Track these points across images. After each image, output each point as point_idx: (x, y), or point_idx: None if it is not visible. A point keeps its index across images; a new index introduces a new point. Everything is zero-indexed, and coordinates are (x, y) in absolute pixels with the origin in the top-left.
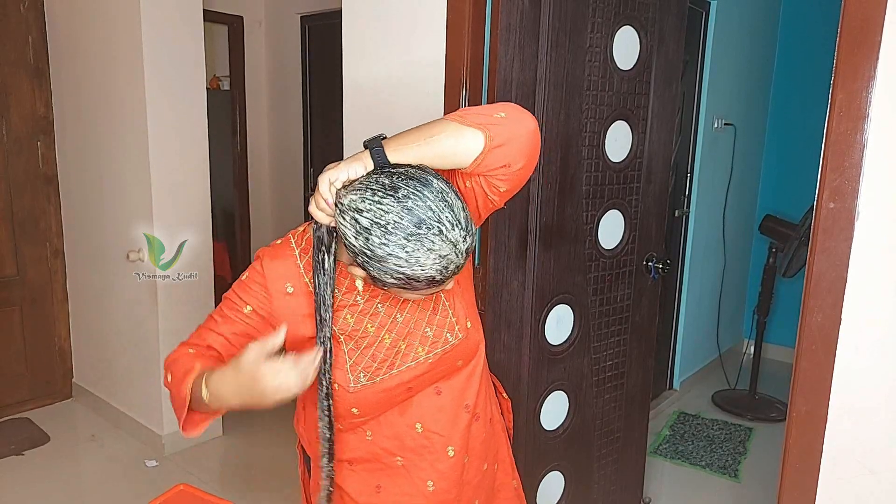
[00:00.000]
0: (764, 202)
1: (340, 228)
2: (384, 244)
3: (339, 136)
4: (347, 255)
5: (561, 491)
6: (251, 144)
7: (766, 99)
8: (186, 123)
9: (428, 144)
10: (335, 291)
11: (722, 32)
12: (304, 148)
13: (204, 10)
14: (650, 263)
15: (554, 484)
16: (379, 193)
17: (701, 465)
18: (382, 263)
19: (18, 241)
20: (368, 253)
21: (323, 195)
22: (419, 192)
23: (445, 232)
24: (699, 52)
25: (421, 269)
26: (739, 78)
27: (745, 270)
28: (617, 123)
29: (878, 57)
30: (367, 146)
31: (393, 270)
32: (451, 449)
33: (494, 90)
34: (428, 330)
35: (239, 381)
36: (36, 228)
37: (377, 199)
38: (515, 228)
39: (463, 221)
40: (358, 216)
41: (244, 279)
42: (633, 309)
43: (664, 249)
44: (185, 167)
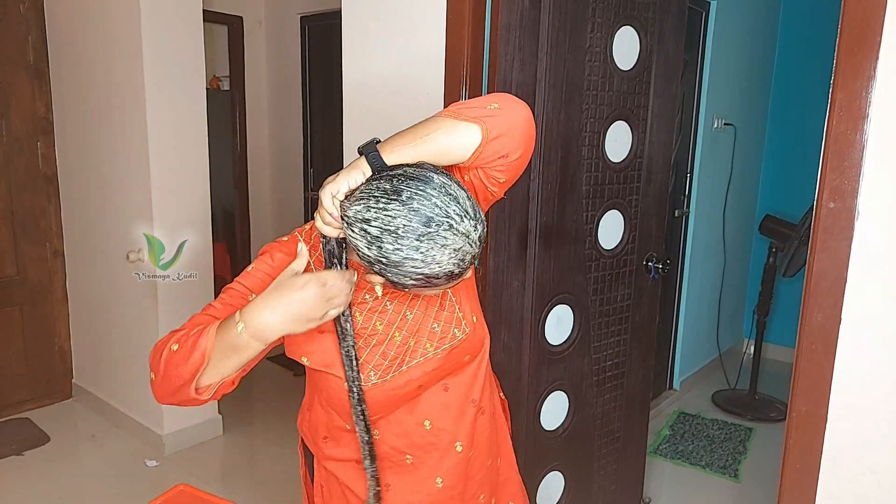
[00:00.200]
0: (764, 202)
1: (351, 241)
2: (398, 249)
3: (339, 135)
4: (363, 263)
5: (561, 491)
6: (251, 144)
7: (766, 99)
8: (186, 123)
9: (424, 143)
10: None
11: (722, 32)
12: (304, 148)
13: (204, 10)
14: (650, 263)
15: (554, 484)
16: (383, 200)
17: (701, 465)
18: (400, 268)
19: (18, 241)
20: (384, 261)
21: (328, 209)
22: (422, 191)
23: (455, 225)
24: (699, 52)
25: (438, 266)
26: (739, 78)
27: (745, 270)
28: (617, 123)
29: (878, 57)
30: (362, 152)
31: (411, 273)
32: (458, 444)
33: (494, 90)
34: (436, 326)
35: (286, 300)
36: (36, 228)
37: (382, 205)
38: (515, 228)
39: (471, 211)
40: (366, 226)
41: (250, 270)
42: (633, 309)
43: (664, 249)
44: (185, 167)
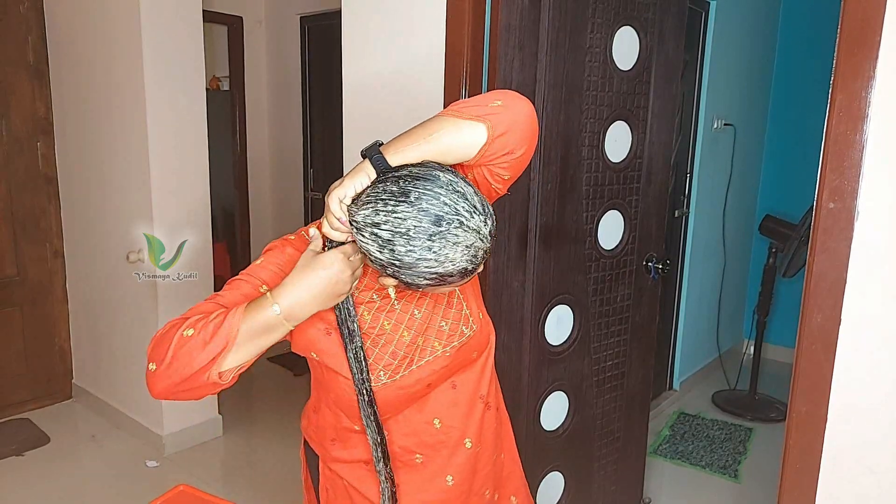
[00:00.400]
0: (764, 202)
1: (362, 245)
2: (411, 251)
3: (339, 136)
4: (375, 266)
5: (561, 491)
6: (251, 144)
7: (766, 99)
8: (186, 124)
9: (428, 143)
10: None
11: (722, 32)
12: (304, 148)
13: (204, 10)
14: (650, 263)
15: (554, 484)
16: (391, 203)
17: (701, 465)
18: (414, 269)
19: (18, 241)
20: (397, 263)
21: (335, 214)
22: (430, 190)
23: (466, 222)
24: (699, 52)
25: (452, 264)
26: (739, 78)
27: (745, 270)
28: (617, 123)
29: (877, 57)
30: (365, 155)
31: (425, 273)
32: (468, 441)
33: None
34: (444, 324)
35: (315, 279)
36: (36, 229)
37: (390, 208)
38: (515, 228)
39: (479, 206)
40: (377, 230)
41: (259, 263)
42: (633, 309)
43: (664, 249)
44: (185, 167)
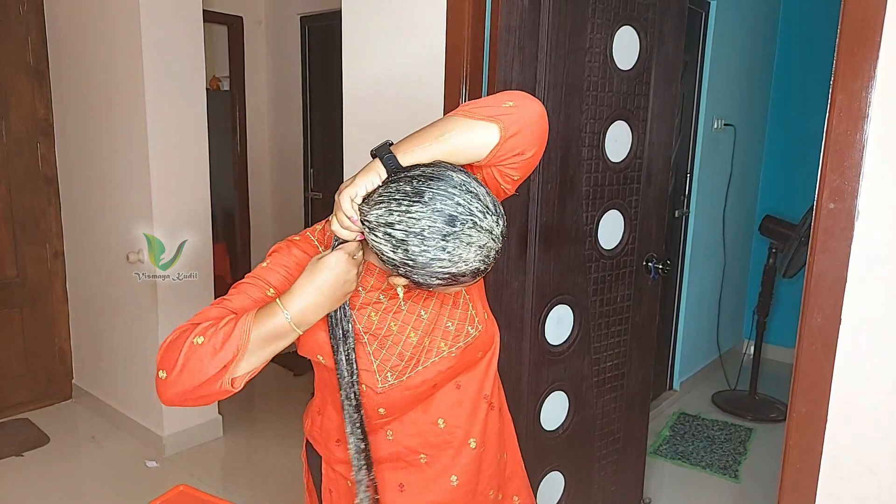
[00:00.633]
0: (764, 202)
1: (374, 245)
2: (425, 251)
3: (338, 136)
4: (385, 265)
5: (561, 491)
6: (251, 144)
7: (766, 99)
8: (186, 124)
9: (440, 143)
10: (359, 290)
11: (722, 32)
12: (304, 148)
13: (204, 10)
14: (650, 264)
15: (554, 484)
16: (405, 203)
17: (701, 465)
18: (427, 269)
19: (18, 242)
20: (411, 263)
21: (347, 213)
22: (443, 190)
23: (479, 222)
24: (699, 52)
25: (465, 264)
26: (739, 78)
27: (745, 270)
28: (617, 123)
29: (878, 57)
30: (375, 155)
31: (439, 273)
32: (472, 441)
33: (494, 90)
34: (450, 324)
35: (324, 281)
36: (36, 229)
37: (404, 208)
38: (515, 229)
39: (492, 207)
40: (390, 230)
41: (266, 266)
42: (633, 309)
43: (664, 250)
44: (185, 167)
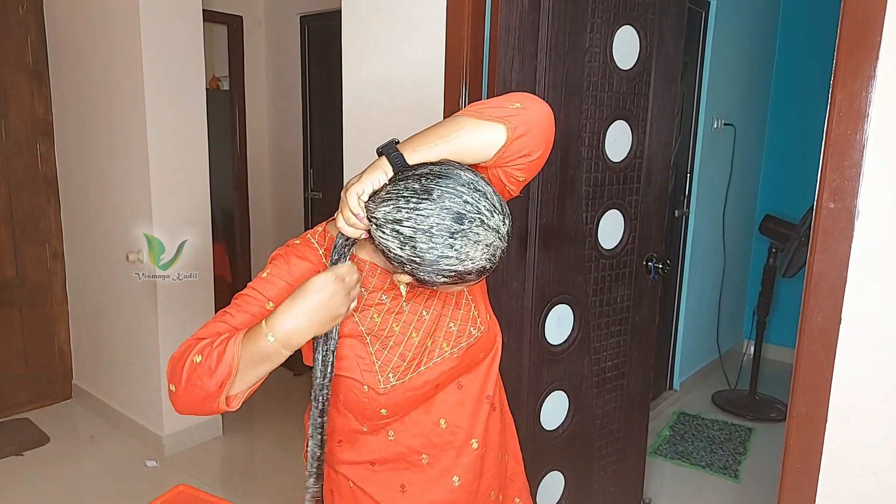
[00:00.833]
0: (764, 202)
1: (381, 242)
2: (433, 248)
3: (338, 136)
4: (391, 263)
5: (561, 491)
6: (251, 144)
7: (766, 99)
8: (186, 123)
9: (447, 143)
10: (361, 291)
11: (722, 32)
12: (304, 148)
13: (204, 10)
14: (650, 263)
15: (554, 484)
16: (413, 200)
17: (701, 465)
18: (434, 267)
19: (18, 242)
20: (418, 260)
21: (353, 210)
22: (452, 188)
23: (487, 220)
24: (699, 52)
25: (472, 262)
26: (739, 78)
27: (745, 270)
28: (617, 123)
29: (878, 57)
30: (382, 152)
31: (445, 270)
32: (474, 441)
33: (494, 90)
34: (452, 325)
35: (311, 303)
36: (36, 229)
37: (412, 205)
38: (515, 229)
39: (498, 206)
40: (398, 227)
41: (265, 276)
42: (633, 309)
43: (664, 249)
44: (184, 167)
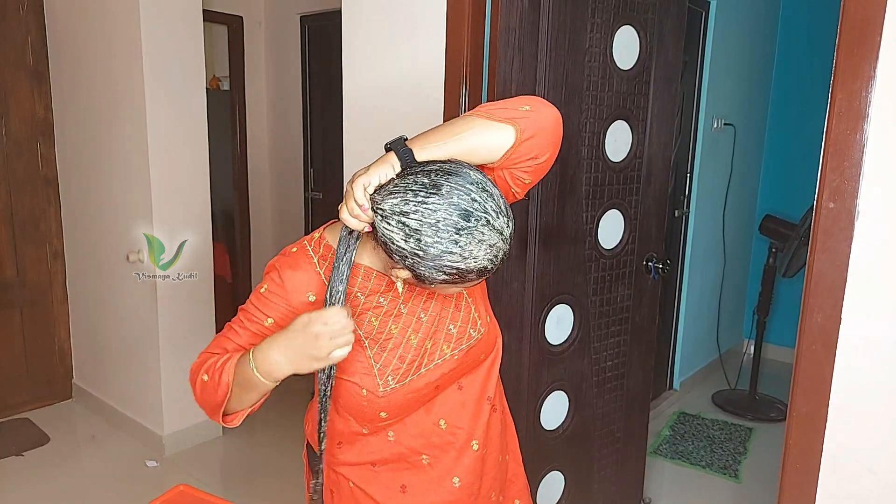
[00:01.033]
0: (764, 202)
1: (384, 234)
2: (437, 242)
3: (338, 136)
4: (391, 259)
5: (561, 491)
6: (251, 144)
7: (766, 99)
8: (186, 123)
9: (456, 142)
10: (358, 295)
11: (722, 32)
12: (304, 148)
13: (204, 10)
14: (650, 263)
15: (554, 484)
16: (422, 194)
17: (701, 465)
18: (436, 261)
19: (18, 242)
20: (421, 254)
21: (359, 201)
22: (461, 185)
23: (492, 221)
24: (699, 52)
25: (474, 261)
26: (739, 78)
27: (745, 270)
28: (617, 123)
29: (877, 57)
30: (390, 148)
31: (447, 267)
32: (475, 443)
33: (494, 91)
34: (452, 327)
35: (292, 341)
36: (36, 230)
37: (421, 199)
38: (515, 229)
39: (504, 208)
40: (405, 219)
41: (263, 292)
42: (633, 309)
43: (664, 249)
44: (185, 167)
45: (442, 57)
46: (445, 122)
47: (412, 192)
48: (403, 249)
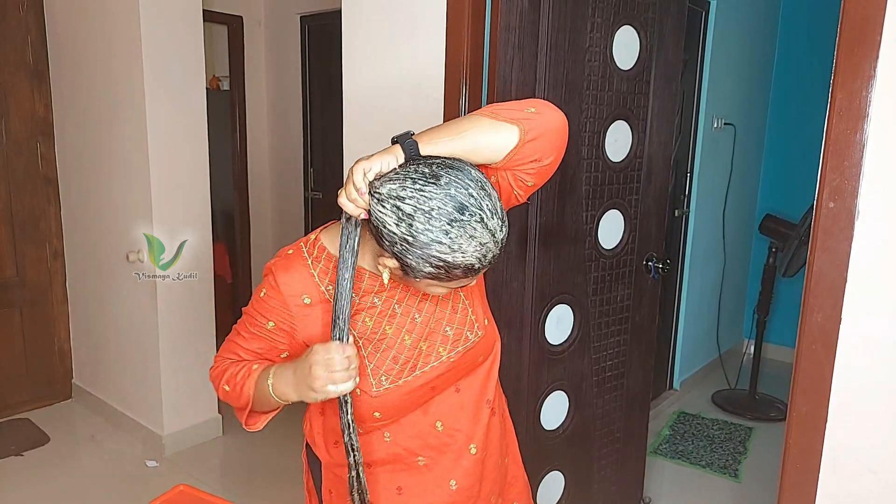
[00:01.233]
0: (764, 202)
1: (378, 217)
2: (428, 230)
3: (338, 136)
4: (380, 247)
5: (561, 491)
6: (251, 144)
7: (766, 99)
8: (186, 123)
9: (461, 139)
10: (353, 297)
11: (722, 32)
12: (304, 148)
13: (204, 10)
14: (650, 263)
15: (554, 484)
16: (420, 182)
17: (701, 464)
18: (424, 250)
19: (18, 242)
20: (410, 239)
21: (357, 185)
22: (460, 179)
23: (486, 220)
24: (699, 52)
25: (462, 255)
26: (739, 78)
27: (745, 270)
28: (617, 123)
29: (877, 57)
30: (396, 141)
31: (434, 257)
32: (473, 446)
33: (494, 90)
34: (448, 329)
35: (298, 370)
36: (36, 230)
37: (419, 186)
38: (515, 229)
39: (500, 211)
40: (400, 203)
41: (262, 296)
42: (633, 309)
43: (664, 249)
44: (185, 167)
45: (442, 56)
46: (452, 120)
47: (411, 179)
48: (394, 234)
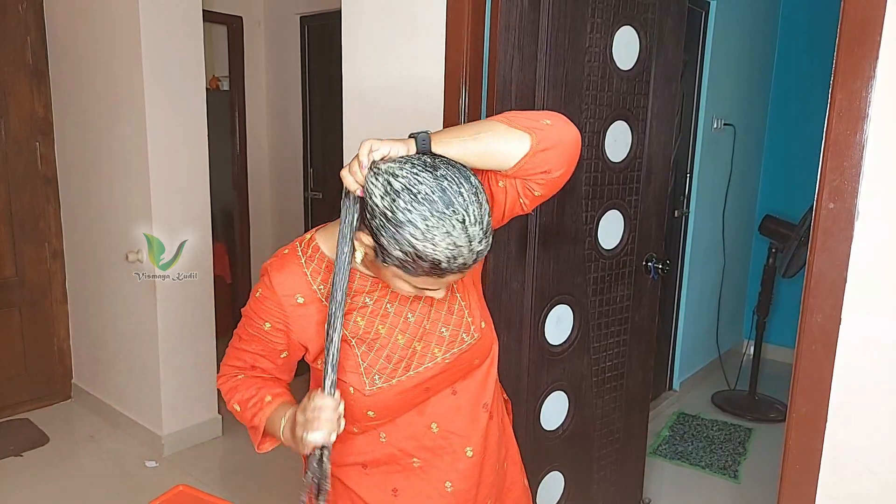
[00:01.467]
0: (764, 202)
1: (369, 187)
2: (408, 209)
3: (338, 136)
4: (363, 221)
5: (561, 491)
6: (251, 144)
7: (766, 99)
8: (186, 123)
9: (474, 141)
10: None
11: (722, 32)
12: (303, 148)
13: (203, 10)
14: (650, 263)
15: (554, 484)
16: (418, 166)
17: (701, 465)
18: (398, 229)
19: (18, 241)
20: (389, 215)
21: (360, 159)
22: (457, 179)
23: (468, 224)
24: (699, 52)
25: (433, 248)
26: (739, 78)
27: (745, 270)
28: (617, 123)
29: (877, 57)
30: (412, 136)
31: (405, 241)
32: (469, 449)
33: (494, 90)
34: (444, 330)
35: (291, 418)
36: (35, 229)
37: (416, 171)
38: (515, 229)
39: (485, 224)
40: (392, 179)
41: (257, 297)
42: (633, 309)
43: (664, 249)
44: (184, 167)
45: (442, 56)
46: (470, 122)
47: (411, 163)
48: (376, 206)
